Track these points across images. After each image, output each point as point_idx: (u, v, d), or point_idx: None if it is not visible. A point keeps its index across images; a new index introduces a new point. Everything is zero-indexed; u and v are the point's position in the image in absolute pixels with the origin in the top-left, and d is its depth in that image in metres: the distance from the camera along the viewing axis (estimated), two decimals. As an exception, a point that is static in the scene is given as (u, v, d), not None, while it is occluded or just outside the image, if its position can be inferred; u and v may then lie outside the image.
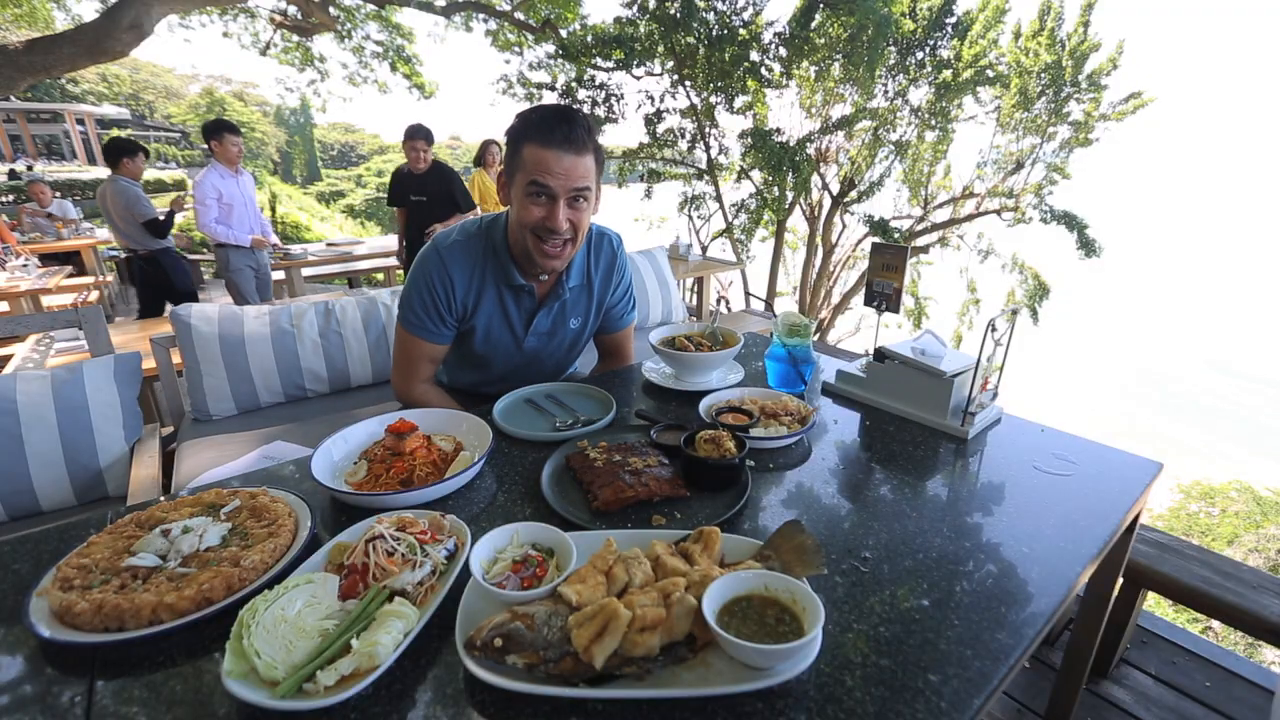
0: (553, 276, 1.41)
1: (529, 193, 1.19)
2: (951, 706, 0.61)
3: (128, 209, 4.18)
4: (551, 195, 1.19)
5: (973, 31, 6.15)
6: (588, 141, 1.19)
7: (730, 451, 0.99)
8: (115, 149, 4.18)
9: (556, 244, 1.24)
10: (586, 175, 1.20)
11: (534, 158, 1.17)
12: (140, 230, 4.25)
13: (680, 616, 0.64)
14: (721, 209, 7.38)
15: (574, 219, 1.23)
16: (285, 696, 0.59)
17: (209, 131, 4.06)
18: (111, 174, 4.21)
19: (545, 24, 7.55)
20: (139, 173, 4.29)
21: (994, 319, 1.15)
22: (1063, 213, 6.39)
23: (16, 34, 7.83)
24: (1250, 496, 7.09)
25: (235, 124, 4.18)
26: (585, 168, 1.19)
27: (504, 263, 1.34)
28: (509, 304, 1.39)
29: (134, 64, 35.44)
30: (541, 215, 1.20)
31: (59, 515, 1.64)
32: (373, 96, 11.95)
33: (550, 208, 1.20)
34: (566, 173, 1.17)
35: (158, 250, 4.39)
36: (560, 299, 1.42)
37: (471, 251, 1.34)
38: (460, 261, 1.33)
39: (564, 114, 1.17)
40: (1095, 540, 0.89)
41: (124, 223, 4.23)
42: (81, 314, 1.94)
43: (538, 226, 1.22)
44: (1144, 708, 1.57)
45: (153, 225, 4.24)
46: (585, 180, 1.20)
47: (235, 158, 4.10)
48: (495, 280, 1.36)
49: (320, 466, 1.00)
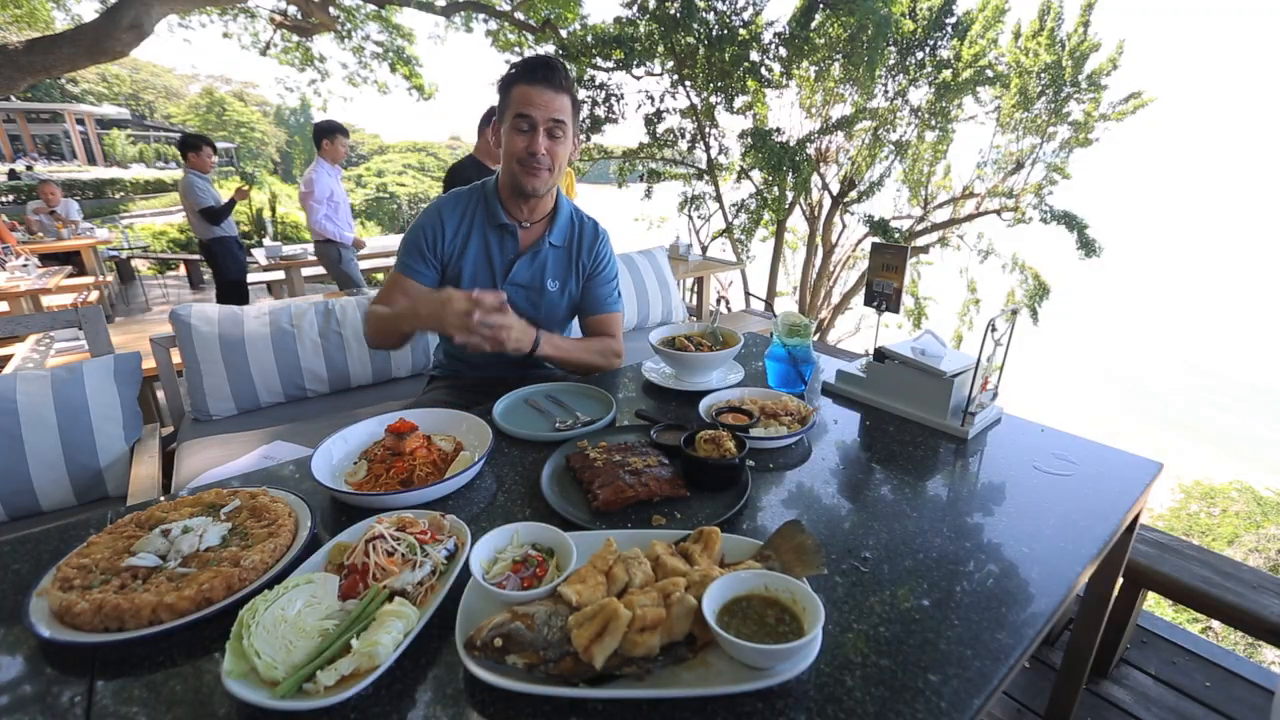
0: (538, 227, 1.54)
1: (515, 126, 1.36)
2: (951, 706, 0.61)
3: (186, 197, 4.59)
4: (533, 124, 1.35)
5: (972, 31, 6.15)
6: (564, 83, 1.36)
7: (730, 451, 0.99)
8: (182, 145, 4.59)
9: (535, 166, 1.39)
10: (562, 110, 1.36)
11: (520, 95, 1.34)
12: (199, 218, 4.61)
13: (680, 616, 0.64)
14: (721, 209, 7.38)
15: (551, 149, 1.38)
16: (285, 696, 0.58)
17: (322, 131, 4.29)
18: (184, 167, 4.62)
19: (545, 24, 7.55)
20: (206, 165, 4.59)
21: (994, 319, 1.15)
22: (1063, 213, 6.39)
23: (16, 34, 7.83)
24: (1251, 496, 7.09)
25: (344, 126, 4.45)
26: (561, 104, 1.36)
27: (492, 205, 1.49)
28: (493, 247, 1.51)
29: (134, 64, 35.47)
30: (524, 144, 1.36)
31: (59, 515, 1.64)
32: (373, 97, 11.94)
33: (531, 137, 1.36)
34: (546, 105, 1.34)
35: (212, 240, 4.74)
36: (541, 251, 1.53)
37: (464, 199, 1.52)
38: (453, 208, 1.50)
39: (545, 60, 1.36)
40: (1095, 540, 0.89)
41: (189, 211, 4.67)
42: (81, 314, 1.94)
43: (521, 155, 1.37)
44: (1144, 708, 1.57)
45: (209, 213, 4.58)
46: (561, 114, 1.36)
47: (341, 157, 4.36)
48: (483, 222, 1.50)
49: (320, 466, 1.00)
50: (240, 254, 5.00)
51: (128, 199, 16.43)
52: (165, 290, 8.06)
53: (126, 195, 16.72)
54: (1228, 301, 23.47)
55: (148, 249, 9.08)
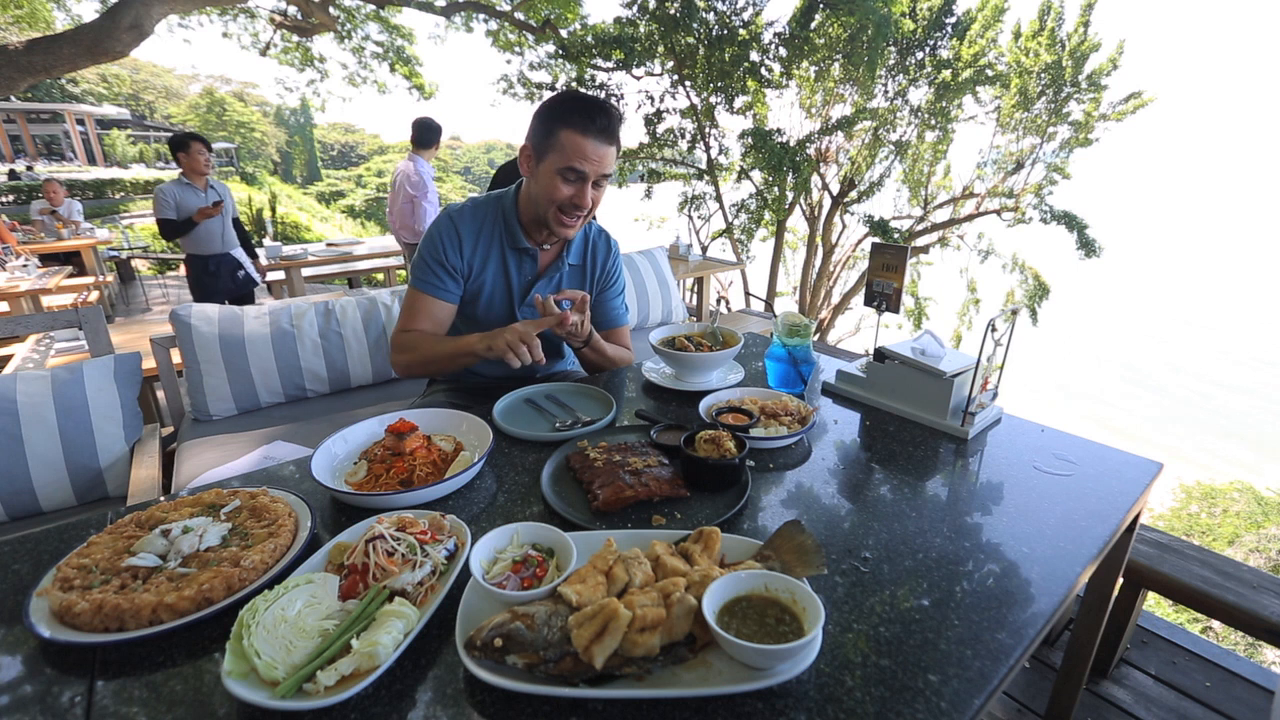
0: (555, 249, 1.52)
1: (564, 176, 1.31)
2: (951, 706, 0.61)
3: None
4: (583, 178, 1.31)
5: (972, 31, 6.15)
6: (618, 134, 1.33)
7: (730, 451, 0.99)
8: (171, 145, 3.92)
9: (577, 217, 1.38)
10: (612, 163, 1.35)
11: (573, 144, 1.28)
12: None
13: (680, 616, 0.64)
14: (721, 209, 7.38)
15: (595, 198, 1.37)
16: (285, 696, 0.59)
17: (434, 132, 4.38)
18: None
19: (545, 24, 7.55)
20: (199, 167, 3.89)
21: (994, 319, 1.15)
22: (1063, 213, 6.40)
23: (16, 34, 7.83)
24: (1251, 496, 7.09)
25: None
26: (612, 156, 1.34)
27: (512, 227, 1.45)
28: (511, 269, 1.48)
29: (134, 64, 35.48)
30: (571, 194, 1.33)
31: (59, 515, 1.64)
32: (372, 97, 11.93)
33: (580, 187, 1.32)
34: (599, 160, 1.30)
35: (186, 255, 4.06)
36: (559, 272, 1.53)
37: (480, 215, 1.46)
38: (469, 222, 1.45)
39: (603, 107, 1.29)
40: (1095, 540, 0.89)
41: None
42: (81, 314, 1.94)
43: (565, 204, 1.34)
44: (1144, 708, 1.57)
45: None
46: (611, 167, 1.35)
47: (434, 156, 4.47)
48: (501, 242, 1.46)
49: (320, 466, 1.00)
50: (209, 280, 4.06)
51: (128, 199, 16.44)
52: (165, 290, 8.05)
53: (126, 195, 16.73)
54: (1228, 300, 23.45)
55: (148, 249, 9.06)
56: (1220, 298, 23.95)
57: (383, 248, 5.81)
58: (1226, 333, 20.05)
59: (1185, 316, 21.62)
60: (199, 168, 3.92)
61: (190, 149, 3.86)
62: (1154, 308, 22.41)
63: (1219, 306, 22.94)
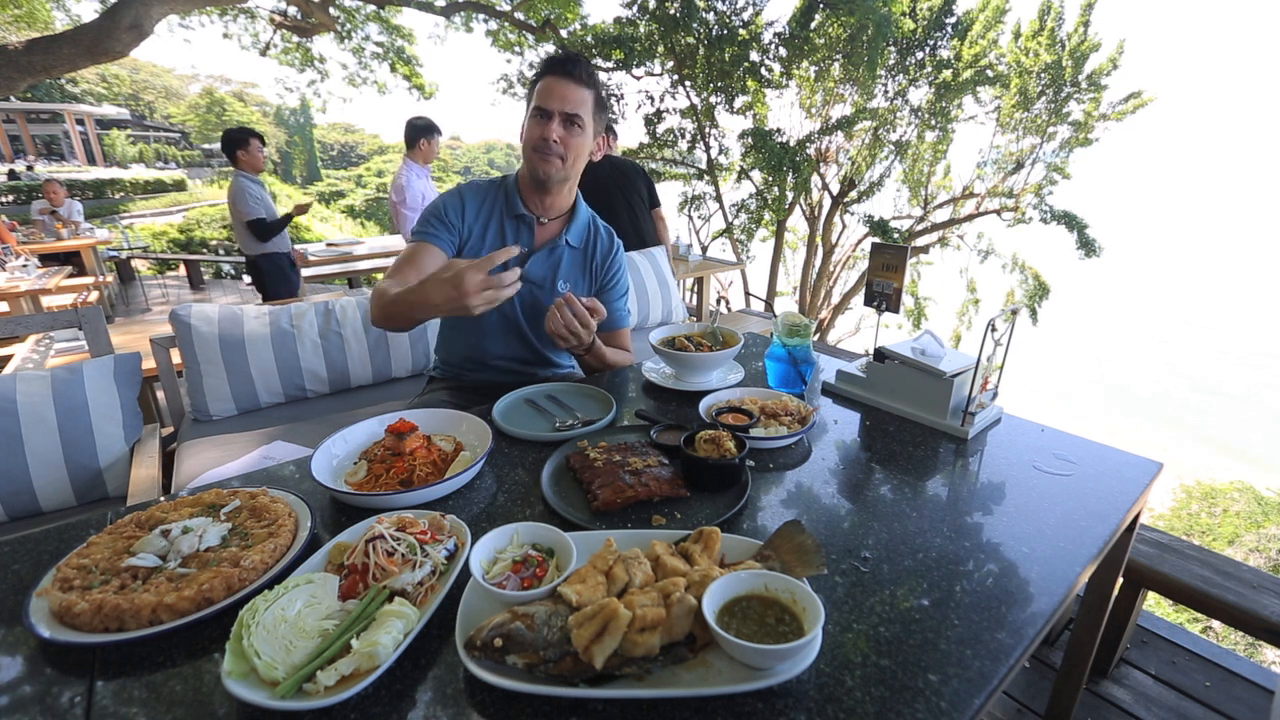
0: (555, 225, 1.55)
1: (534, 116, 1.39)
2: (951, 706, 0.61)
3: (235, 205, 3.81)
4: (549, 114, 1.38)
5: (973, 31, 6.16)
6: (585, 77, 1.39)
7: (730, 451, 0.99)
8: (226, 142, 3.80)
9: (549, 154, 1.40)
10: (580, 104, 1.38)
11: (542, 86, 1.38)
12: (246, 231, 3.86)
13: (680, 616, 0.64)
14: (721, 209, 7.38)
15: (565, 138, 1.39)
16: (285, 697, 0.58)
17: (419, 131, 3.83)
18: (234, 169, 3.86)
19: (545, 24, 7.55)
20: (258, 164, 3.83)
21: (994, 319, 1.15)
22: (1062, 212, 6.40)
23: (16, 34, 7.83)
24: (1252, 496, 7.09)
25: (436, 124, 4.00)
26: (580, 96, 1.38)
27: (512, 196, 1.51)
28: (509, 237, 1.52)
29: (134, 64, 35.47)
30: (539, 131, 1.39)
31: (59, 515, 1.64)
32: (372, 97, 11.92)
33: (547, 124, 1.38)
34: (564, 96, 1.36)
35: (259, 255, 4.00)
36: (557, 248, 1.54)
37: (486, 188, 1.55)
38: (474, 193, 1.53)
39: (569, 54, 1.40)
40: (1095, 540, 0.89)
41: (236, 222, 3.90)
42: (81, 314, 1.94)
43: (536, 142, 1.40)
44: (1144, 708, 1.57)
45: (258, 227, 3.85)
46: (579, 108, 1.38)
47: (434, 157, 3.98)
48: (501, 211, 1.52)
49: (320, 466, 1.00)
50: (293, 274, 4.23)
51: (127, 199, 16.45)
52: (165, 290, 8.06)
53: (126, 195, 16.75)
54: (1227, 300, 23.44)
55: (148, 249, 9.07)
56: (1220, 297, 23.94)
57: (383, 248, 5.81)
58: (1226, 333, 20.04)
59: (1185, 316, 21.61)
60: (259, 164, 3.85)
61: (250, 145, 3.78)
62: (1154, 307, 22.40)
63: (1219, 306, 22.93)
